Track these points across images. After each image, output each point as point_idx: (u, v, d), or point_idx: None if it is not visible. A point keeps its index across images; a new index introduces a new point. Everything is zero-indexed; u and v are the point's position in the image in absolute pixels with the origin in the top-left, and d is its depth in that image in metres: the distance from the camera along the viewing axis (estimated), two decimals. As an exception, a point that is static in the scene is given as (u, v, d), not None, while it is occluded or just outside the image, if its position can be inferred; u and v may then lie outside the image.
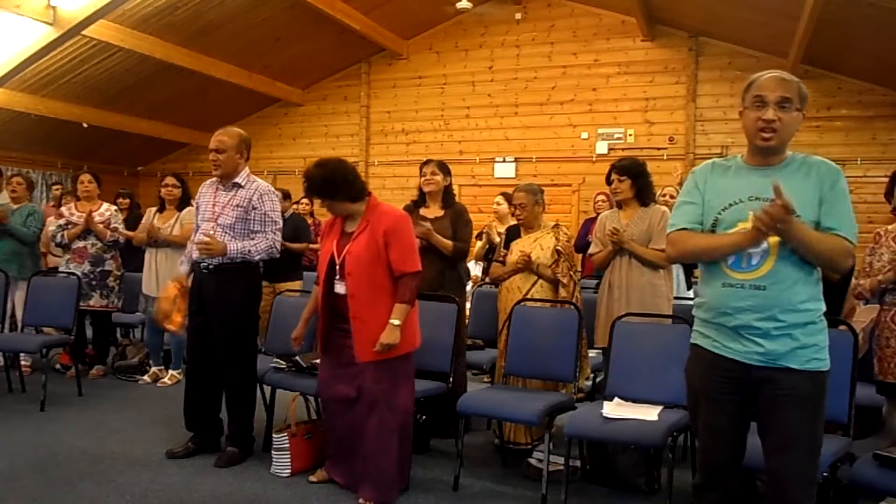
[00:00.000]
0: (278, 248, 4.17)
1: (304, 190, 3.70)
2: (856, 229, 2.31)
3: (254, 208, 4.05)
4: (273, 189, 4.23)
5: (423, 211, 4.64)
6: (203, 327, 4.11)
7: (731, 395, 2.38)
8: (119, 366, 6.24)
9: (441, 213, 4.61)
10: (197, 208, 4.26)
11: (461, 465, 3.83)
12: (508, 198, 6.81)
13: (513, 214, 4.72)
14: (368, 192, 3.66)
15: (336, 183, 3.52)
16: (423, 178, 4.65)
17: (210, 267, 4.04)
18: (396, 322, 3.40)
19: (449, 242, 4.50)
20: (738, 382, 2.36)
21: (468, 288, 6.19)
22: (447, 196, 4.68)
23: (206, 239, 3.94)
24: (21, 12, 6.76)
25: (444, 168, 4.66)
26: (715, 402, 2.42)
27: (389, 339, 3.38)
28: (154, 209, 6.09)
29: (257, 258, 4.06)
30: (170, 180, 5.97)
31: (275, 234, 4.11)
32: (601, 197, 7.71)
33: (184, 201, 5.93)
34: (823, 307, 2.37)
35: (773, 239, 2.26)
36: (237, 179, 4.09)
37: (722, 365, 2.37)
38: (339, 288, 3.52)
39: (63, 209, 6.30)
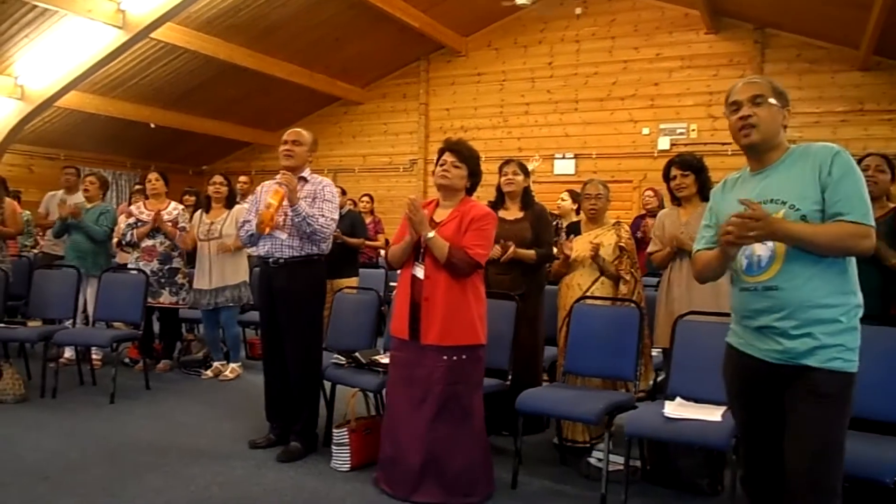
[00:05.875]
0: (330, 233, 4.18)
1: (450, 145, 3.69)
2: (867, 207, 2.22)
3: (316, 198, 4.16)
4: (334, 186, 4.34)
5: (501, 212, 4.55)
6: (274, 320, 4.21)
7: (756, 393, 2.40)
8: (184, 360, 6.40)
9: (520, 214, 4.56)
10: (256, 202, 4.34)
11: (519, 462, 3.81)
12: (573, 195, 6.75)
13: (580, 209, 4.59)
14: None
15: (479, 165, 3.71)
16: (503, 178, 4.59)
17: (280, 261, 4.15)
18: (433, 236, 3.44)
19: (532, 253, 4.42)
20: (761, 380, 2.36)
21: None
22: (526, 197, 4.62)
23: (289, 175, 4.01)
24: (92, 16, 6.99)
25: (524, 169, 4.62)
26: (745, 399, 2.47)
27: (426, 226, 3.43)
28: (200, 210, 6.25)
29: (316, 227, 4.05)
30: (218, 178, 6.21)
31: (329, 218, 4.14)
32: (649, 192, 7.60)
33: (230, 199, 6.16)
34: (855, 300, 2.28)
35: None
36: (303, 174, 4.23)
37: (747, 363, 2.39)
38: (418, 271, 3.54)
39: (132, 207, 6.49)
